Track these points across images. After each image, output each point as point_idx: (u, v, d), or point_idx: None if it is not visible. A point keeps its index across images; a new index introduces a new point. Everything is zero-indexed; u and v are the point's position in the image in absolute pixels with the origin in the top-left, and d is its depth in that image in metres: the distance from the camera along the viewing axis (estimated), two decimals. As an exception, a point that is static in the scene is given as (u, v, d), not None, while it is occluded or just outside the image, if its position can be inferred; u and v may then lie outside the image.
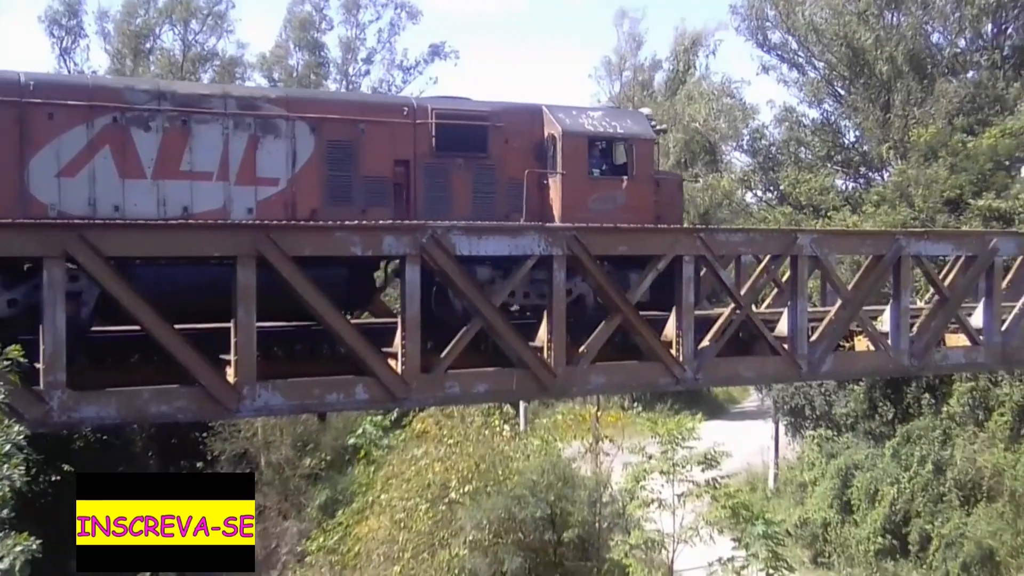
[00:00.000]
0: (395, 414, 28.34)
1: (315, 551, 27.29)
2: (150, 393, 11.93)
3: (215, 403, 12.22)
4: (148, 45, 57.94)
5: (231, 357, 12.16)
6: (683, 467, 26.78)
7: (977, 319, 18.54)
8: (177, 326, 12.11)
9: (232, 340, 12.08)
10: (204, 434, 32.84)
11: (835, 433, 37.10)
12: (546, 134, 16.92)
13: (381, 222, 14.63)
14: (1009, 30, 45.89)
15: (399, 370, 13.19)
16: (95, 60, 56.50)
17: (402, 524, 24.47)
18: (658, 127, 19.07)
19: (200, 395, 12.11)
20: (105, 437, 31.57)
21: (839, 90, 49.58)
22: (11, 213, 12.79)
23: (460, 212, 15.85)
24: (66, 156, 13.70)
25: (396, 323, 13.54)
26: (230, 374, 12.22)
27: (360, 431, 29.33)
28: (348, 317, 14.11)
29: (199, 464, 32.67)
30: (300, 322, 14.25)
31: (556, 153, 16.77)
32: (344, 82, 60.67)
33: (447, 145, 16.09)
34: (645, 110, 21.97)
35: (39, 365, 11.03)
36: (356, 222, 14.35)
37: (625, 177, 17.19)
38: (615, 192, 17.10)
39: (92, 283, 12.30)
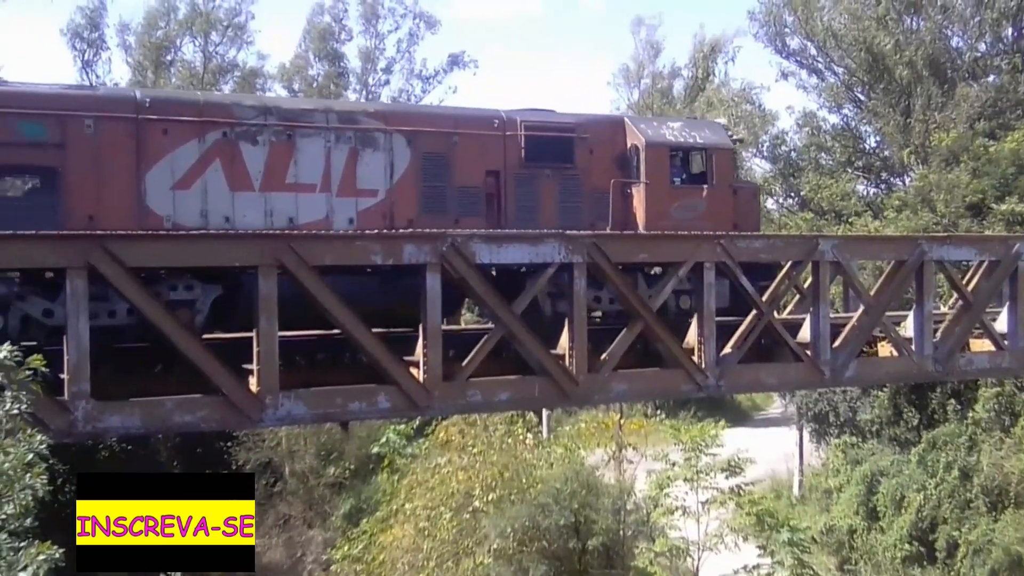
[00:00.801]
0: (418, 422, 28.39)
1: (340, 559, 27.38)
2: (173, 403, 11.98)
3: (238, 413, 12.27)
4: (169, 57, 58.25)
5: (253, 367, 12.22)
6: (707, 474, 26.76)
7: (1002, 324, 18.44)
8: (206, 336, 12.29)
9: (255, 349, 12.15)
10: (229, 444, 32.99)
11: (860, 439, 36.91)
12: (629, 144, 17.33)
13: (401, 231, 14.69)
14: (1030, 34, 45.66)
15: (421, 379, 13.21)
16: (116, 72, 56.67)
17: (426, 532, 24.52)
18: (735, 137, 19.53)
19: (223, 405, 12.16)
20: (130, 447, 31.75)
21: (859, 95, 49.36)
22: (130, 225, 13.39)
23: (548, 221, 16.26)
24: (180, 170, 14.20)
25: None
26: (253, 383, 12.27)
27: (383, 440, 29.41)
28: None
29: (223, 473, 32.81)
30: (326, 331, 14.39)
31: (639, 163, 17.18)
32: (364, 92, 60.87)
33: (535, 156, 16.52)
34: (720, 120, 22.38)
35: (63, 376, 11.13)
36: (376, 231, 14.42)
37: (705, 186, 17.58)
38: (696, 201, 17.51)
39: (206, 292, 12.98)
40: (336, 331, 13.53)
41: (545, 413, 34.82)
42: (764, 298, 15.56)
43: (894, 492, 33.36)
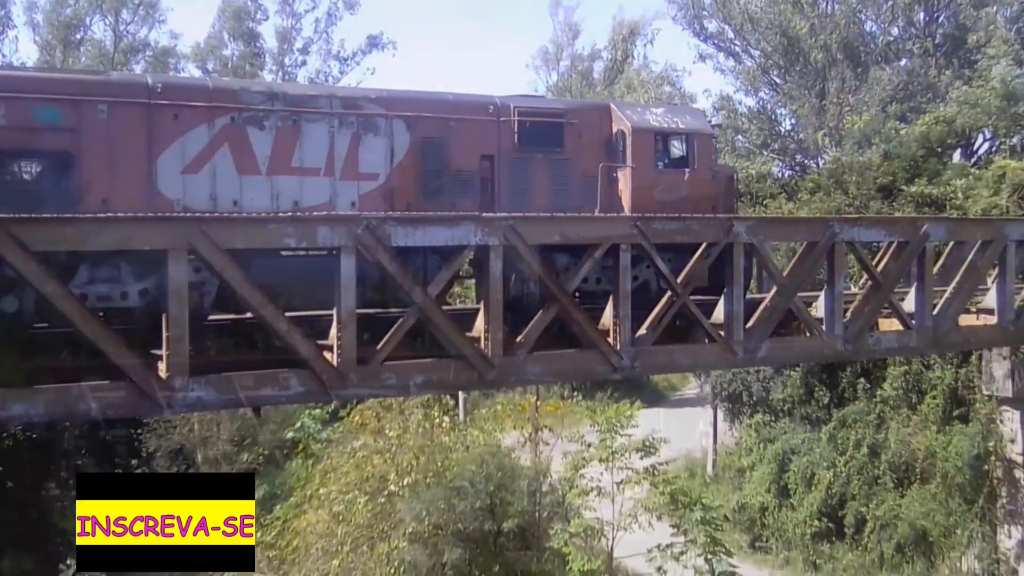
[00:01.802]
0: (333, 407, 28.10)
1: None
2: (79, 390, 11.65)
3: (146, 399, 12.00)
4: (78, 36, 56.84)
5: (163, 352, 11.96)
6: (622, 455, 26.88)
7: (909, 304, 18.76)
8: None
9: (164, 335, 11.88)
10: (139, 431, 32.31)
11: (772, 419, 37.39)
12: (615, 130, 17.88)
13: (315, 213, 14.50)
14: (940, 18, 46.54)
15: (335, 362, 13.04)
16: (24, 51, 55.31)
17: (341, 517, 24.31)
18: (713, 123, 20.20)
19: (131, 391, 11.87)
20: (35, 436, 31.00)
21: (775, 78, 49.98)
22: (141, 208, 13.58)
23: (539, 204, 16.76)
24: (190, 154, 14.43)
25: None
26: (162, 369, 12.00)
27: (298, 425, 29.08)
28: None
29: (134, 461, 32.17)
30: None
31: (626, 148, 17.76)
32: (280, 73, 60.00)
33: (528, 141, 17.05)
34: (697, 107, 23.10)
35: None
36: (288, 214, 14.22)
37: (687, 170, 18.21)
38: (678, 184, 18.15)
39: (214, 275, 12.97)
40: (249, 315, 13.39)
41: (461, 396, 34.76)
42: (679, 280, 15.63)
43: (805, 470, 33.88)
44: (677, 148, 18.52)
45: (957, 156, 41.32)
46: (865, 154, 38.89)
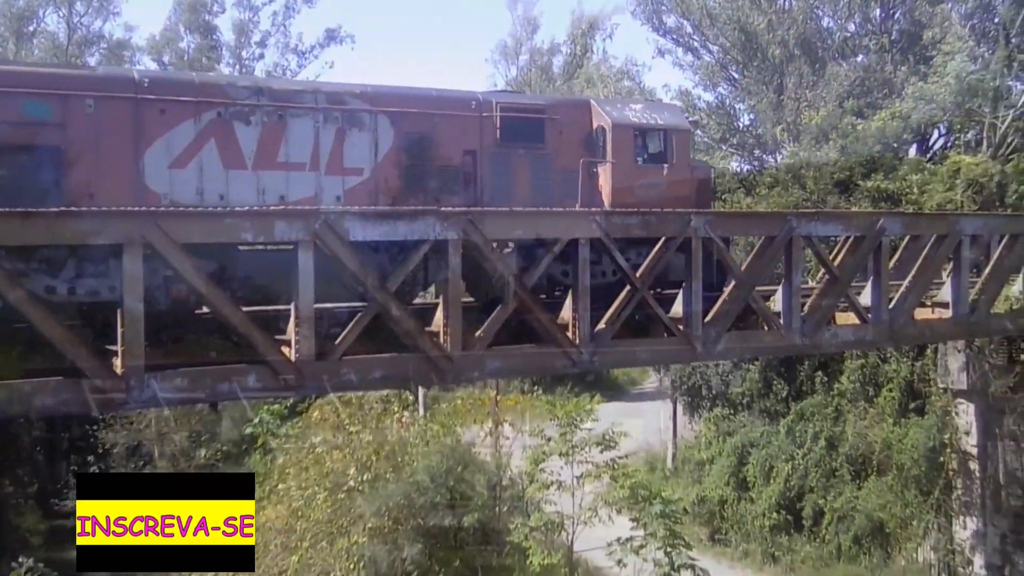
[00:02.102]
0: (292, 402, 27.92)
1: (211, 543, 26.73)
2: (32, 386, 11.52)
3: (102, 395, 11.86)
4: (31, 28, 55.94)
5: (118, 347, 11.83)
6: (582, 449, 26.91)
7: (866, 298, 18.93)
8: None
9: (119, 330, 11.75)
10: (95, 427, 31.97)
11: (731, 412, 37.63)
12: (595, 125, 18.17)
13: (272, 208, 14.46)
14: (896, 15, 46.85)
15: (292, 357, 12.97)
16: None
17: (300, 513, 24.14)
18: (690, 119, 20.71)
19: (84, 388, 11.73)
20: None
21: (733, 73, 50.15)
22: (129, 203, 13.50)
23: (521, 199, 16.98)
24: (176, 149, 14.43)
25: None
26: (117, 364, 11.86)
27: (257, 420, 28.86)
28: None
29: (90, 458, 31.84)
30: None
31: (606, 143, 18.07)
32: (237, 66, 59.44)
33: (509, 136, 17.26)
34: (674, 103, 23.57)
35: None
36: (246, 208, 14.12)
37: (666, 165, 18.50)
38: (657, 179, 18.44)
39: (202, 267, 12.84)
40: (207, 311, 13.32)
41: (421, 391, 34.65)
42: (638, 274, 15.67)
43: (763, 463, 34.14)
44: (655, 144, 18.77)
45: (913, 152, 41.71)
46: (822, 149, 39.17)
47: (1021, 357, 24.76)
